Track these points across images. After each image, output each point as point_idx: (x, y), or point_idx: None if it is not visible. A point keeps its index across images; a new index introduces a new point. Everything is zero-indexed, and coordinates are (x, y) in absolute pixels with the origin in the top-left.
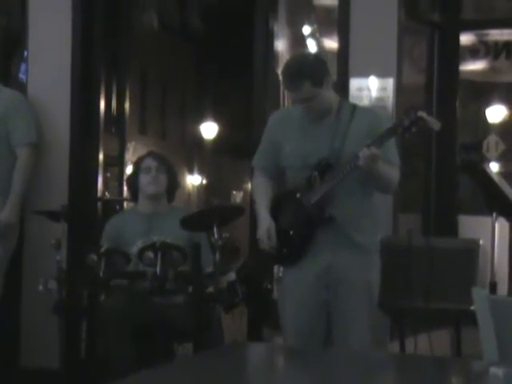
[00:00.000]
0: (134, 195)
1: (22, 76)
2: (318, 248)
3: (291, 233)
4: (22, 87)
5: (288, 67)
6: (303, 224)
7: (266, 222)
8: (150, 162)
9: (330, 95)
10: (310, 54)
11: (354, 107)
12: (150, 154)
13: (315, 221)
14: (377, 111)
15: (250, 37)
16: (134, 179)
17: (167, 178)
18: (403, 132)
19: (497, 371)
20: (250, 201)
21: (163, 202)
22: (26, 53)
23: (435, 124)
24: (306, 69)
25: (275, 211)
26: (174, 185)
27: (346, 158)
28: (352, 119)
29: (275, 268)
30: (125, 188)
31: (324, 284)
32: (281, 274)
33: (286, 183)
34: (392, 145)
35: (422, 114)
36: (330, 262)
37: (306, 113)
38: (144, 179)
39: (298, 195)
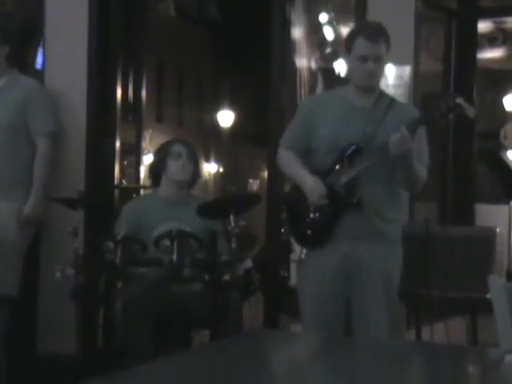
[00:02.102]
0: (156, 180)
1: (38, 65)
2: (342, 233)
3: (316, 215)
4: (38, 76)
5: (367, 23)
6: (329, 207)
7: (310, 178)
8: (180, 149)
9: (383, 73)
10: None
11: (393, 100)
12: (178, 140)
13: (342, 204)
14: (414, 108)
15: (266, 25)
16: (159, 163)
17: (194, 167)
18: (440, 118)
19: None
20: (267, 189)
21: (185, 189)
22: (42, 42)
23: (471, 111)
24: (383, 29)
25: (302, 192)
26: (197, 174)
27: (376, 145)
28: (390, 110)
29: (298, 249)
30: (141, 175)
31: (344, 273)
32: (303, 256)
33: (314, 166)
34: (425, 143)
35: (460, 100)
36: (351, 251)
37: (362, 76)
38: (174, 165)
39: (326, 177)
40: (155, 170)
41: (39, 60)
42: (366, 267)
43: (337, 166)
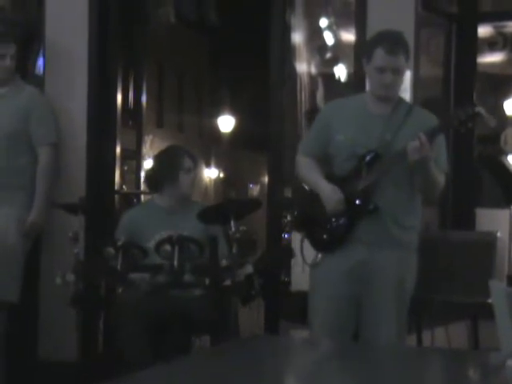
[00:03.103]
0: (156, 187)
1: (39, 71)
2: (357, 239)
3: (333, 220)
4: (39, 82)
5: (387, 34)
6: (346, 213)
7: (327, 185)
8: (190, 163)
9: (402, 83)
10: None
11: (411, 106)
12: (186, 151)
13: (359, 210)
14: (432, 114)
15: (266, 29)
16: (167, 174)
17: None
18: (459, 125)
19: None
20: (267, 194)
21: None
22: (42, 48)
23: (492, 121)
24: (404, 40)
25: (318, 197)
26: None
27: (395, 151)
28: (408, 117)
29: (313, 253)
30: (142, 180)
31: (357, 277)
32: (318, 260)
33: (332, 173)
34: (443, 150)
35: (481, 109)
36: (366, 256)
37: (379, 86)
38: (185, 179)
39: (342, 184)
40: (158, 179)
41: (39, 66)
42: (380, 272)
43: (356, 173)
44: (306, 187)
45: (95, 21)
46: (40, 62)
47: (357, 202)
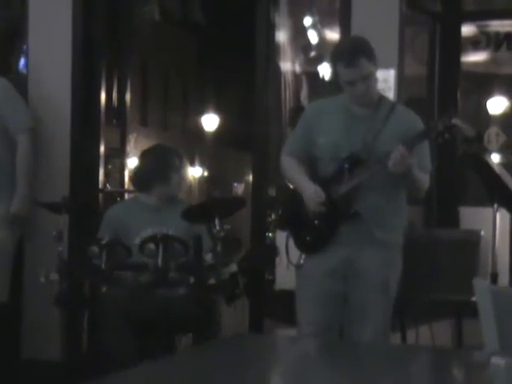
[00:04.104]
0: (143, 186)
1: (22, 68)
2: (340, 241)
3: (316, 222)
4: (22, 79)
5: (343, 47)
6: (328, 216)
7: (310, 185)
8: (179, 163)
9: (376, 83)
10: (357, 36)
11: (394, 105)
12: (174, 151)
13: (340, 215)
14: (415, 114)
15: (251, 28)
16: (157, 173)
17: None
18: (436, 137)
19: (498, 361)
20: (252, 192)
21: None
22: (25, 45)
23: (470, 131)
24: (361, 45)
25: (302, 198)
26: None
27: (377, 154)
28: (389, 117)
29: (297, 254)
30: (126, 179)
31: (341, 275)
32: (302, 261)
33: (316, 174)
34: (426, 150)
35: (457, 121)
36: (349, 256)
37: (353, 97)
38: (176, 179)
39: (325, 187)
40: (150, 178)
41: (22, 63)
42: (364, 271)
43: (337, 177)
44: (291, 186)
45: (79, 18)
46: (23, 59)
47: (337, 207)
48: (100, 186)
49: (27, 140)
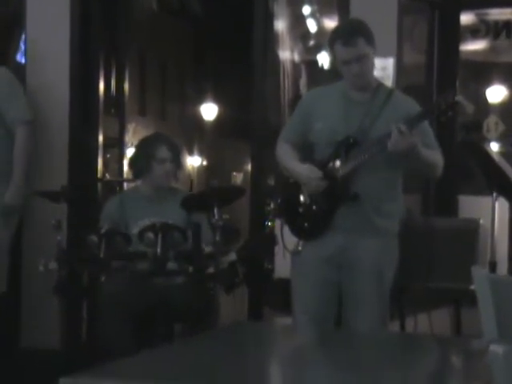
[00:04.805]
0: (137, 173)
1: (20, 58)
2: (338, 226)
3: (314, 207)
4: (20, 69)
5: (342, 27)
6: (326, 199)
7: (303, 166)
8: (165, 153)
9: (373, 67)
10: (356, 18)
11: (391, 91)
12: (163, 140)
13: (339, 197)
14: (413, 100)
15: (249, 17)
16: (142, 163)
17: (177, 169)
18: (439, 115)
19: (496, 348)
20: (251, 182)
21: (166, 186)
22: (24, 35)
23: (469, 107)
24: (360, 26)
25: (299, 185)
26: (180, 169)
27: (373, 138)
28: (387, 102)
29: (294, 241)
30: (125, 168)
31: (337, 264)
32: (300, 248)
33: (312, 159)
34: (429, 130)
35: (460, 98)
36: (345, 245)
37: (348, 79)
38: (158, 171)
39: (323, 170)
40: (137, 166)
41: (21, 54)
42: (360, 259)
43: (334, 160)
44: (286, 174)
45: (77, 9)
46: (21, 49)
47: (336, 188)
48: (99, 175)
49: (25, 132)
